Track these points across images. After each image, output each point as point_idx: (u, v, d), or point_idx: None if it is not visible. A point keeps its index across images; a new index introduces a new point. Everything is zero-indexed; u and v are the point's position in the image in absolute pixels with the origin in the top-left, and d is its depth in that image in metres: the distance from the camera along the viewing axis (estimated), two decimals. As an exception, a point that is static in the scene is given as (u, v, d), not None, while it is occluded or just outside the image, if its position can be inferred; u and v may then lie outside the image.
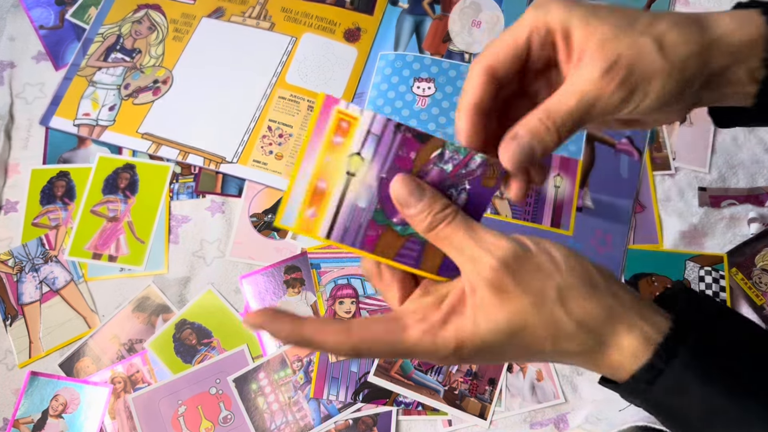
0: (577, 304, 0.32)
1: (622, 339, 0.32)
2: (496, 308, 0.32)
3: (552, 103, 0.34)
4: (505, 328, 0.32)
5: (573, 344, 0.33)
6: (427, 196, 0.34)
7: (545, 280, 0.32)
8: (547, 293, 0.32)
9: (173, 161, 0.78)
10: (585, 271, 0.33)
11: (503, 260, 0.32)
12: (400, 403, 0.67)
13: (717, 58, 0.34)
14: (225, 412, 0.68)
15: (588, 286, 0.33)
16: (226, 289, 0.72)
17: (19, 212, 0.76)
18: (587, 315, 0.32)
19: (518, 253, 0.32)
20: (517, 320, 0.32)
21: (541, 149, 0.34)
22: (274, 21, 0.84)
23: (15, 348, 0.71)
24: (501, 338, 0.32)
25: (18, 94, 0.82)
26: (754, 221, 0.73)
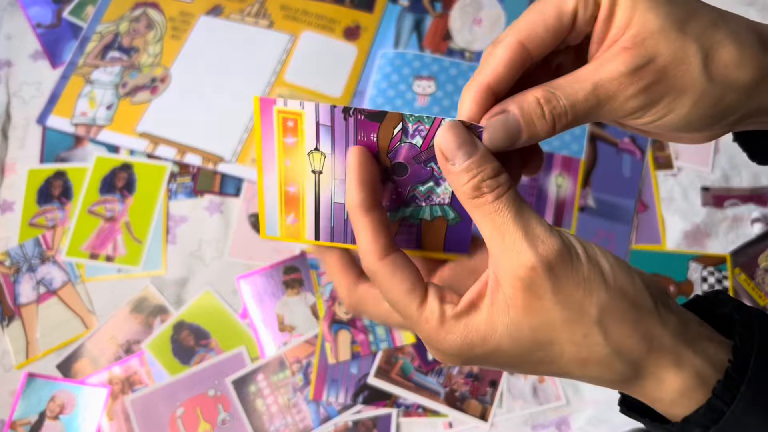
0: (619, 329, 0.28)
1: (665, 374, 0.28)
2: (522, 314, 0.28)
3: (560, 86, 0.29)
4: (528, 340, 0.28)
5: (605, 372, 0.29)
6: (479, 152, 0.29)
7: (588, 296, 0.28)
8: (586, 310, 0.27)
9: (171, 160, 0.77)
10: (634, 290, 0.28)
11: (547, 261, 0.27)
12: (401, 405, 0.67)
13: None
14: (223, 414, 0.67)
15: (634, 310, 0.28)
16: (224, 289, 0.72)
17: (16, 212, 0.76)
18: (627, 343, 0.28)
19: (565, 257, 0.27)
20: (545, 334, 0.28)
21: (528, 136, 0.29)
22: (273, 19, 0.84)
23: (12, 349, 0.71)
24: (519, 349, 0.28)
25: (15, 93, 0.81)
26: (757, 221, 0.72)
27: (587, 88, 0.29)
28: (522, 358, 0.29)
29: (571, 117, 0.29)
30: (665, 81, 0.28)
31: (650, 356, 0.28)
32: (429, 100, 0.77)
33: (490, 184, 0.28)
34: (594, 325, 0.28)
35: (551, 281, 0.27)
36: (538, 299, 0.27)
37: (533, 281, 0.27)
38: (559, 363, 0.29)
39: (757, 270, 0.71)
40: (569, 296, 0.27)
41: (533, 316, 0.28)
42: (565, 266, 0.27)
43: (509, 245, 0.28)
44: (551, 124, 0.29)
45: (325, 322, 0.70)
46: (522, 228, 0.28)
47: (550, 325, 0.28)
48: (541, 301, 0.27)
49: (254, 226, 0.74)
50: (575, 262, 0.28)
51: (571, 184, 0.74)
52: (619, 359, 0.28)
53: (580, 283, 0.28)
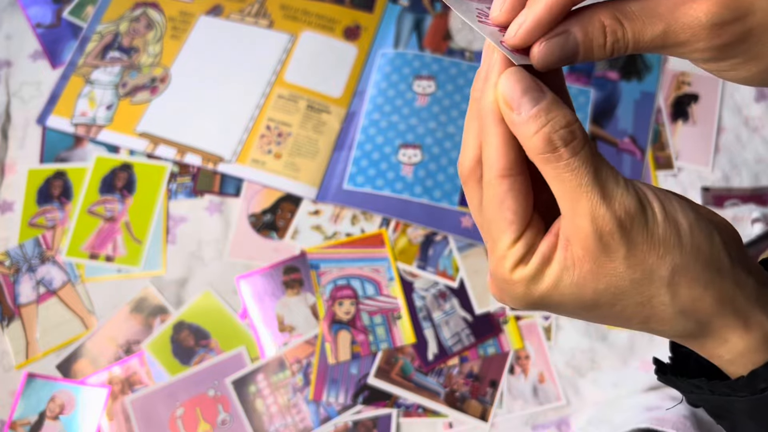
0: (688, 291, 0.27)
1: (731, 334, 0.27)
2: (588, 276, 0.27)
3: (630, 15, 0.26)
4: (590, 300, 0.27)
5: (665, 327, 0.28)
6: (547, 98, 0.26)
7: (661, 258, 0.26)
8: (657, 273, 0.26)
9: (171, 160, 0.77)
10: (711, 250, 0.27)
11: (622, 225, 0.26)
12: (401, 405, 0.67)
13: None
14: (223, 415, 0.67)
15: (708, 271, 0.27)
16: (224, 289, 0.72)
17: (16, 212, 0.76)
18: (696, 305, 0.27)
19: (641, 218, 0.26)
20: (609, 296, 0.27)
21: (582, 59, 0.27)
22: (273, 19, 0.84)
23: (12, 349, 0.71)
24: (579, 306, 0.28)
25: (15, 93, 0.81)
26: (757, 221, 0.72)
27: (656, 31, 0.26)
28: (580, 313, 0.28)
29: (631, 51, 0.27)
30: (746, 43, 0.25)
31: (718, 318, 0.27)
32: (429, 100, 0.77)
33: (564, 135, 0.26)
34: (663, 287, 0.26)
35: (625, 246, 0.26)
36: (609, 262, 0.26)
37: (606, 245, 0.26)
38: (618, 318, 0.28)
39: (757, 270, 0.70)
40: (641, 260, 0.26)
41: (600, 279, 0.27)
42: (640, 228, 0.26)
43: (584, 208, 0.26)
44: (609, 53, 0.27)
45: (325, 322, 0.70)
46: (599, 190, 0.26)
47: (616, 287, 0.27)
48: (611, 264, 0.26)
49: (254, 226, 0.74)
50: (651, 222, 0.26)
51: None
52: (684, 319, 0.27)
53: (654, 245, 0.26)
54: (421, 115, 0.76)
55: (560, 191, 0.26)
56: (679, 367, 0.32)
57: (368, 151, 0.76)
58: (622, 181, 0.26)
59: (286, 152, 0.77)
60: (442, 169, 0.74)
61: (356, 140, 0.76)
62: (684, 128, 0.76)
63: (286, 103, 0.79)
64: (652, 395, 0.65)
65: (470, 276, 0.71)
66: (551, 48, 0.27)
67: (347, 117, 0.79)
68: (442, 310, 0.70)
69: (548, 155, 0.26)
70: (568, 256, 0.27)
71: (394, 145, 0.75)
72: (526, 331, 0.69)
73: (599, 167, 0.26)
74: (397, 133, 0.76)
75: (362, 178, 0.74)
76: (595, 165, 0.26)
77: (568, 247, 0.27)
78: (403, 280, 0.71)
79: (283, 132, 0.78)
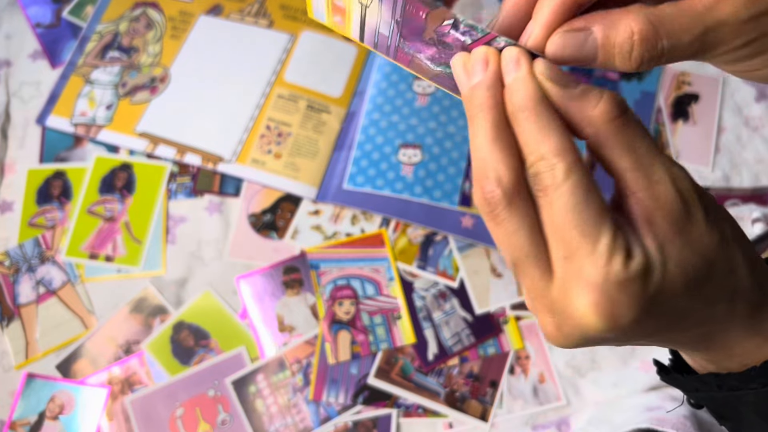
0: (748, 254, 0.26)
1: None
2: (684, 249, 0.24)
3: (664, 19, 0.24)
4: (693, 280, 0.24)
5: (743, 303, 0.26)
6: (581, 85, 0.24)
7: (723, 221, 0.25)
8: (726, 232, 0.25)
9: (170, 160, 0.77)
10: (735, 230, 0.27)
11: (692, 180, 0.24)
12: (401, 405, 0.67)
13: None
14: (223, 415, 0.67)
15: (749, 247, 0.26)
16: (224, 289, 0.72)
17: (15, 212, 0.76)
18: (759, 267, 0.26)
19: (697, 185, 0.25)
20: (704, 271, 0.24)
21: (598, 65, 0.25)
22: (273, 18, 0.84)
23: (11, 349, 0.70)
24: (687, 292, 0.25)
25: (14, 93, 0.81)
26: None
27: (695, 31, 0.24)
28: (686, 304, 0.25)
29: (666, 60, 0.25)
30: None
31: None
32: (429, 100, 0.77)
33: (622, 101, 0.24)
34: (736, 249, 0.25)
35: (701, 206, 0.24)
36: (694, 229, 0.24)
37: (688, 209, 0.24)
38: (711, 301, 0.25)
39: (757, 270, 0.70)
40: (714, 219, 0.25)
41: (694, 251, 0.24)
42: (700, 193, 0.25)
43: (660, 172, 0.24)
44: (636, 64, 0.25)
45: (325, 322, 0.69)
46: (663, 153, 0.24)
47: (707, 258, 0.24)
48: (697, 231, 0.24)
49: (254, 225, 0.74)
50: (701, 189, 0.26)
51: (571, 184, 0.74)
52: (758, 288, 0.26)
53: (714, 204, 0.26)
54: (421, 115, 0.76)
55: (631, 161, 0.24)
56: (680, 369, 0.32)
57: (368, 150, 0.75)
58: None
59: (286, 152, 0.77)
60: (443, 169, 0.74)
61: (356, 140, 0.76)
62: (684, 128, 0.76)
63: (286, 103, 0.79)
64: (653, 395, 0.64)
65: (470, 276, 0.71)
66: (565, 41, 0.25)
67: (347, 117, 0.78)
68: (442, 310, 0.70)
69: (618, 121, 0.24)
70: (657, 234, 0.24)
71: (394, 145, 0.75)
72: (526, 331, 0.69)
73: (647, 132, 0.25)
74: (397, 132, 0.76)
75: (362, 178, 0.74)
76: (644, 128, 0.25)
77: (652, 227, 0.24)
78: (403, 280, 0.71)
79: (283, 132, 0.78)
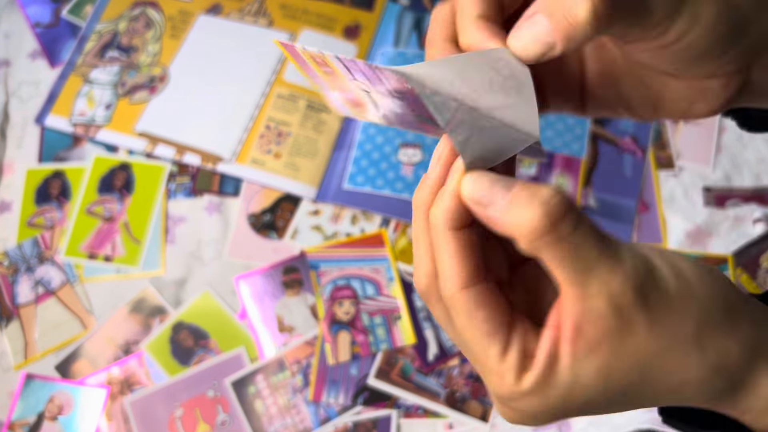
0: (715, 342, 0.24)
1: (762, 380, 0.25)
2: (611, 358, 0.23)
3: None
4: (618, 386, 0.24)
5: (701, 392, 0.25)
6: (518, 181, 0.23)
7: (683, 314, 0.23)
8: (682, 332, 0.23)
9: (170, 160, 0.77)
10: (724, 294, 0.24)
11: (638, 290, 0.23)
12: (401, 406, 0.67)
13: None
14: (223, 416, 0.67)
15: (728, 316, 0.24)
16: (223, 290, 0.72)
17: (14, 212, 0.76)
18: (725, 356, 0.24)
19: (652, 280, 0.23)
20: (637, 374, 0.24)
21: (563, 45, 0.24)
22: (273, 18, 0.83)
23: (10, 349, 0.70)
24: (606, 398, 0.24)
25: (13, 93, 0.81)
26: (759, 221, 0.72)
27: None
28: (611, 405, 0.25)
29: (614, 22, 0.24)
30: None
31: (749, 364, 0.25)
32: (429, 100, 0.77)
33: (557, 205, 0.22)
34: (691, 346, 0.24)
35: (645, 314, 0.23)
36: (631, 337, 0.23)
37: (627, 320, 0.23)
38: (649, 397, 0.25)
39: (758, 270, 0.70)
40: (664, 323, 0.23)
41: (625, 359, 0.23)
42: (655, 290, 0.23)
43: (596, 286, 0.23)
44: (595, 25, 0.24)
45: (324, 322, 0.69)
46: (608, 262, 0.23)
47: (644, 362, 0.24)
48: (634, 339, 0.23)
49: (253, 226, 0.74)
50: (661, 281, 0.23)
51: (571, 183, 0.73)
52: (717, 377, 0.24)
53: (673, 304, 0.23)
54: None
55: (565, 276, 0.23)
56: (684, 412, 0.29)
57: (368, 150, 0.75)
58: (623, 244, 0.24)
59: (286, 152, 0.76)
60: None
61: (356, 140, 0.76)
62: (685, 128, 0.76)
63: (285, 103, 0.79)
64: (654, 396, 0.64)
65: (470, 276, 0.71)
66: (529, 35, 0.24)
67: (347, 117, 0.78)
68: (442, 311, 0.70)
69: (544, 238, 0.22)
70: (581, 344, 0.23)
71: (394, 145, 0.75)
72: (526, 331, 0.69)
73: (601, 235, 0.23)
74: (396, 132, 0.76)
75: (362, 177, 0.74)
76: (596, 234, 0.23)
77: (579, 335, 0.23)
78: (403, 280, 0.71)
79: (282, 132, 0.77)
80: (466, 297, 0.24)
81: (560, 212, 0.22)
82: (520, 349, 0.24)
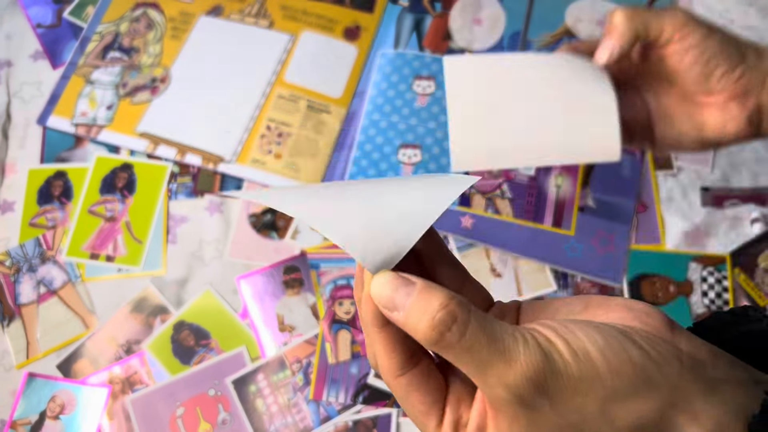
0: (626, 409, 0.26)
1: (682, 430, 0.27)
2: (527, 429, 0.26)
3: None
4: None
5: None
6: (417, 287, 0.26)
7: (586, 394, 0.26)
8: (587, 409, 0.26)
9: (171, 161, 0.77)
10: (633, 366, 0.26)
11: (533, 379, 0.25)
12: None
13: None
14: (223, 414, 0.67)
15: (637, 386, 0.26)
16: (224, 289, 0.72)
17: (16, 212, 0.76)
18: (638, 419, 0.26)
19: (551, 366, 0.26)
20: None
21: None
22: (273, 19, 0.84)
23: (12, 349, 0.71)
24: None
25: (15, 93, 0.81)
26: (757, 221, 0.72)
27: None
28: None
29: None
30: None
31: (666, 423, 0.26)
32: (429, 100, 0.77)
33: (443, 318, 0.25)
34: (599, 421, 0.26)
35: (547, 398, 0.26)
36: (540, 416, 0.26)
37: (530, 405, 0.26)
38: None
39: (756, 270, 0.70)
40: (568, 404, 0.26)
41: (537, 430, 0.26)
42: (555, 376, 0.26)
43: (494, 380, 0.26)
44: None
45: (325, 322, 0.70)
46: (501, 357, 0.25)
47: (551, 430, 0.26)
48: (543, 417, 0.26)
49: (254, 225, 0.74)
50: (562, 365, 0.26)
51: (570, 184, 0.74)
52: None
53: (575, 386, 0.26)
54: (420, 115, 0.77)
55: (466, 371, 0.26)
56: None
57: (368, 151, 0.76)
58: (519, 337, 0.26)
59: (287, 152, 0.77)
60: (442, 170, 0.74)
61: (356, 140, 0.77)
62: (683, 128, 0.76)
63: (286, 103, 0.79)
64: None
65: (470, 276, 0.71)
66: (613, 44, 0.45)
67: (347, 117, 0.79)
68: (441, 310, 0.70)
69: (438, 345, 0.25)
70: (501, 419, 0.27)
71: (394, 145, 0.75)
72: (525, 330, 0.69)
73: (492, 333, 0.26)
74: (397, 133, 0.76)
75: (362, 178, 0.74)
76: (488, 333, 0.25)
77: (497, 415, 0.27)
78: (403, 280, 0.71)
79: (283, 132, 0.78)
80: (398, 384, 0.28)
81: (446, 324, 0.25)
82: (452, 421, 0.28)
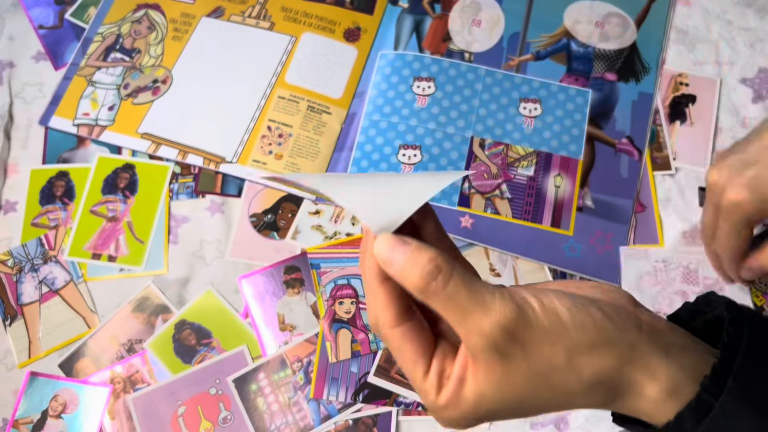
0: (588, 364, 0.30)
1: (644, 388, 0.30)
2: (502, 379, 0.30)
3: None
4: (513, 399, 0.31)
5: (586, 402, 0.31)
6: (411, 246, 0.30)
7: (553, 345, 0.30)
8: (555, 360, 0.30)
9: (173, 161, 0.78)
10: (595, 323, 0.30)
11: (508, 329, 0.29)
12: (401, 403, 0.67)
13: None
14: (225, 413, 0.68)
15: (598, 343, 0.30)
16: (225, 289, 0.72)
17: (19, 212, 0.76)
18: (599, 374, 0.30)
19: (523, 317, 0.30)
20: (526, 390, 0.30)
21: None
22: (274, 20, 0.84)
23: (14, 348, 0.71)
24: (508, 408, 0.31)
25: (17, 94, 0.82)
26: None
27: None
28: (514, 412, 0.32)
29: None
30: None
31: (624, 377, 0.30)
32: (429, 101, 0.78)
33: (431, 270, 0.30)
34: (566, 369, 0.30)
35: (518, 347, 0.30)
36: (513, 364, 0.30)
37: (503, 352, 0.29)
38: (545, 409, 0.32)
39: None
40: (538, 353, 0.30)
41: (514, 380, 0.30)
42: (526, 327, 0.30)
43: (471, 327, 0.29)
44: None
45: (325, 321, 0.70)
46: (478, 307, 0.29)
47: (530, 382, 0.30)
48: (516, 365, 0.30)
49: (255, 226, 0.75)
50: (533, 318, 0.30)
51: (569, 184, 0.74)
52: (596, 390, 0.30)
53: (543, 337, 0.30)
54: (420, 116, 0.77)
55: (449, 319, 0.30)
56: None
57: (368, 151, 0.76)
58: (497, 292, 0.30)
59: (287, 153, 0.77)
60: (442, 170, 0.75)
61: (356, 141, 0.77)
62: (681, 129, 0.77)
63: (286, 104, 0.79)
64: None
65: (469, 275, 0.72)
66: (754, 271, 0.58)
67: (347, 118, 0.79)
68: (441, 310, 0.70)
69: (426, 293, 0.30)
70: (479, 368, 0.30)
71: (394, 146, 0.76)
72: (524, 330, 0.70)
73: (473, 287, 0.30)
74: (396, 133, 0.76)
75: (362, 178, 0.75)
76: (468, 287, 0.30)
77: (476, 362, 0.30)
78: (402, 280, 0.72)
79: (283, 133, 0.78)
80: (394, 334, 0.32)
81: (433, 275, 0.30)
82: (437, 372, 0.32)
